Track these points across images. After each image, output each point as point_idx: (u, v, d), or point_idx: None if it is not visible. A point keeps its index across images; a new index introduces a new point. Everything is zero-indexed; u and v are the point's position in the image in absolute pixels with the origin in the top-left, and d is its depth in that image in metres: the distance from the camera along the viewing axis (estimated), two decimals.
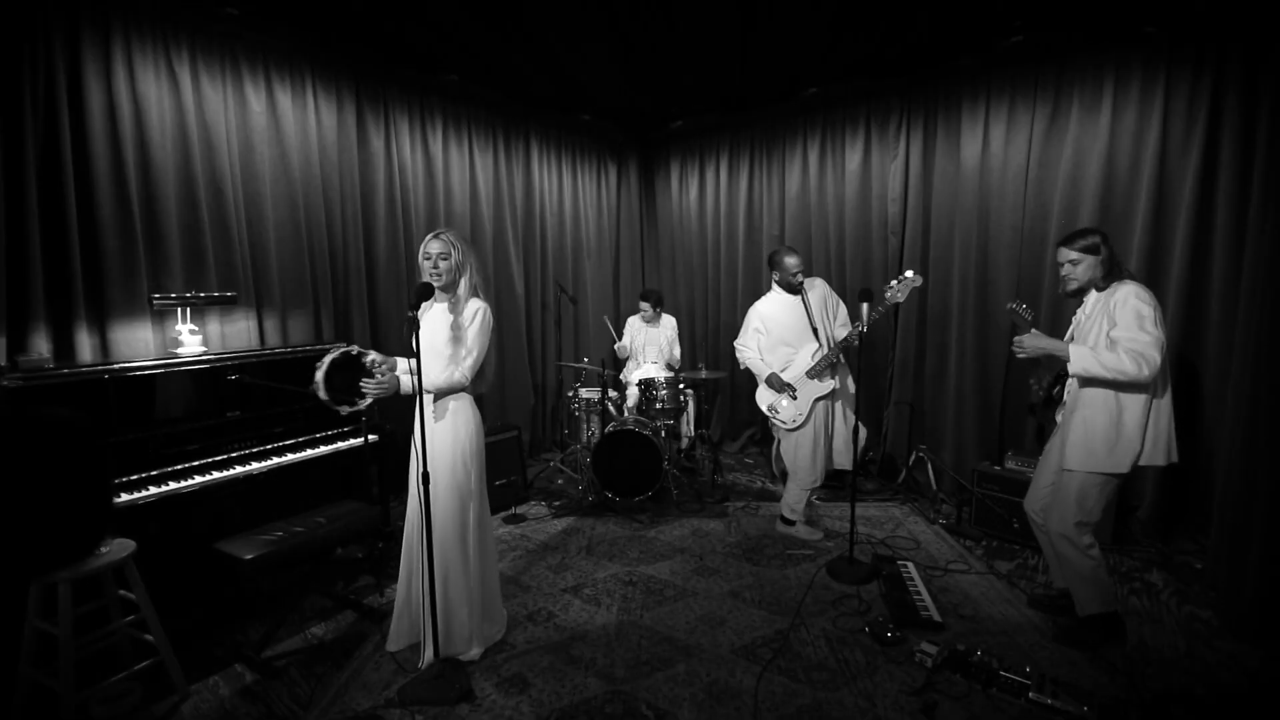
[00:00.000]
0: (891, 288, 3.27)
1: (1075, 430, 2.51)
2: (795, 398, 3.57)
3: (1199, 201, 3.36)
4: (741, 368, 3.86)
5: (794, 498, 3.73)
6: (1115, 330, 2.38)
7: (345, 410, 2.37)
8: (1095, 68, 3.69)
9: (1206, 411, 3.42)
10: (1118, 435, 2.42)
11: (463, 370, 2.42)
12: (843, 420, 3.75)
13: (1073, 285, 2.56)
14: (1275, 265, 2.60)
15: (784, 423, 3.61)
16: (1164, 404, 2.45)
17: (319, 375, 2.31)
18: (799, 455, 3.62)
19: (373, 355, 2.43)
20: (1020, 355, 2.59)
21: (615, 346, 5.14)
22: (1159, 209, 3.50)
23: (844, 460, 3.75)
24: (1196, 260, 3.39)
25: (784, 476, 3.92)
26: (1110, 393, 2.44)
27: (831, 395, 3.60)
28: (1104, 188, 3.68)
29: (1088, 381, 2.47)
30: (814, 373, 3.53)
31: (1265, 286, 2.65)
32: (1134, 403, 2.41)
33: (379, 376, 2.37)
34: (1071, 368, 2.43)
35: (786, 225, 5.22)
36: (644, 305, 5.04)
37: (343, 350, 2.39)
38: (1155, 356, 2.29)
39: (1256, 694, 2.29)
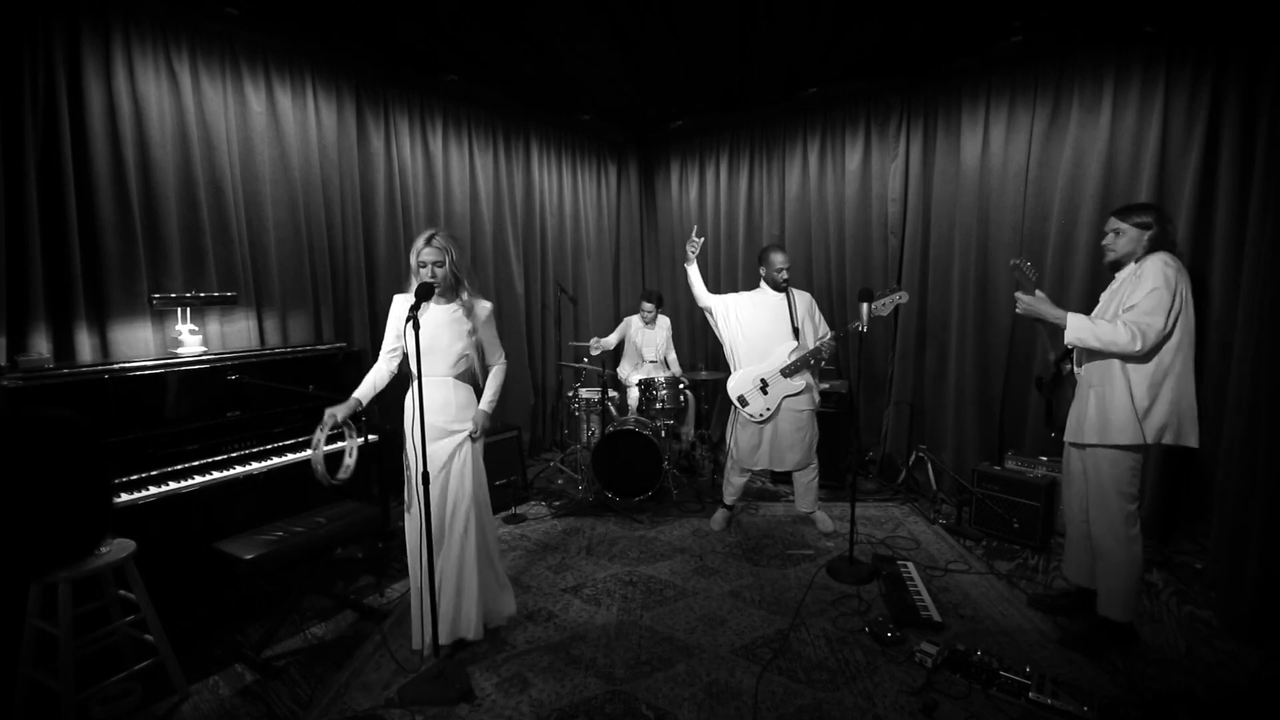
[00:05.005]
0: (881, 303, 3.38)
1: (1092, 406, 2.46)
2: (766, 393, 3.63)
3: (1199, 201, 3.35)
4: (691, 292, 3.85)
5: (733, 480, 3.87)
6: (1130, 307, 2.33)
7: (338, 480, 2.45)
8: (1095, 68, 3.69)
9: (1206, 411, 3.40)
10: (1135, 405, 2.37)
11: (503, 364, 2.73)
12: (795, 423, 3.68)
13: (1110, 256, 2.50)
14: (1275, 264, 2.60)
15: (752, 415, 3.68)
16: (1180, 381, 2.35)
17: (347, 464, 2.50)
18: (743, 438, 3.73)
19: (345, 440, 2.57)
20: (1018, 311, 2.61)
21: (593, 342, 4.90)
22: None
23: (790, 462, 3.71)
24: (1196, 260, 3.38)
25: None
26: (1116, 364, 2.39)
27: (800, 394, 3.63)
28: (1104, 188, 3.67)
29: (1088, 355, 2.47)
30: (788, 371, 3.60)
31: (1265, 286, 2.65)
32: (1141, 375, 2.36)
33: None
34: (1067, 335, 2.42)
35: (786, 225, 5.22)
36: (647, 306, 5.03)
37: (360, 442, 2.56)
38: (1153, 333, 2.26)
39: (1256, 694, 2.29)
